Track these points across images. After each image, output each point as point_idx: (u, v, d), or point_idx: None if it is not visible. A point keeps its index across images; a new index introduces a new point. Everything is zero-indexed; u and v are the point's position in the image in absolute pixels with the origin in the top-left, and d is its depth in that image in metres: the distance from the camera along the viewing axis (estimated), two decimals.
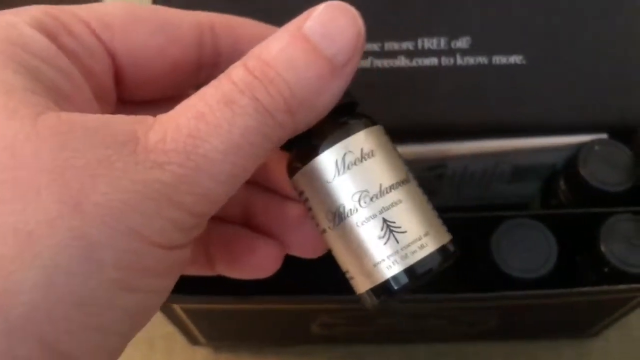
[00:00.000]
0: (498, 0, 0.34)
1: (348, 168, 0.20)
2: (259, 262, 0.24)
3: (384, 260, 0.20)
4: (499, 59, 0.33)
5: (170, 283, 0.19)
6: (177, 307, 0.31)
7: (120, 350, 0.18)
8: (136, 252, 0.16)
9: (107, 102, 0.21)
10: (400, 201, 0.20)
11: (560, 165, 0.36)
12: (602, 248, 0.31)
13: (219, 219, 0.24)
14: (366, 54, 0.33)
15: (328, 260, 0.23)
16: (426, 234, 0.20)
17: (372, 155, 0.20)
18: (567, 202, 0.35)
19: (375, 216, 0.20)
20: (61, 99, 0.18)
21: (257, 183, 0.25)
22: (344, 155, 0.20)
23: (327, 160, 0.20)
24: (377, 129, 0.21)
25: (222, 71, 0.18)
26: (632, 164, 0.33)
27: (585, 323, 0.37)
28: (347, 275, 0.21)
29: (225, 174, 0.17)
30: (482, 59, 0.33)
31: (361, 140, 0.20)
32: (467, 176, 0.37)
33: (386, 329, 0.36)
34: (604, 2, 0.34)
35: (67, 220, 0.15)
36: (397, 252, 0.20)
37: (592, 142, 0.33)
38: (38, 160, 0.15)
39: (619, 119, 0.33)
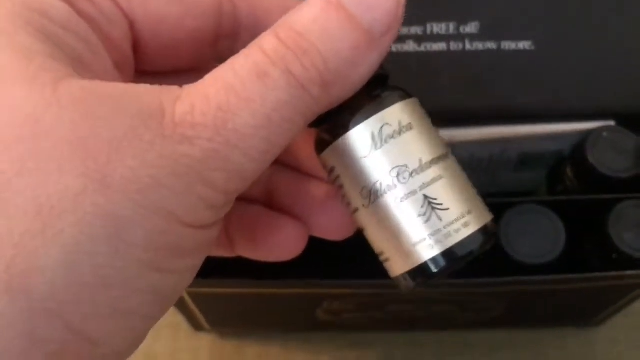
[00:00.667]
0: None
1: (385, 142, 0.19)
2: (282, 243, 0.23)
3: (424, 239, 0.18)
4: (508, 45, 0.33)
5: (199, 263, 0.18)
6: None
7: (146, 333, 0.17)
8: (166, 232, 0.16)
9: (126, 72, 0.20)
10: (441, 177, 0.19)
11: (567, 152, 0.36)
12: (611, 234, 0.31)
13: (240, 198, 0.24)
14: None
15: (337, 244, 0.23)
16: (469, 212, 0.19)
17: (410, 128, 0.19)
18: (574, 189, 0.35)
19: (416, 193, 0.18)
20: (81, 67, 0.17)
21: (280, 161, 0.24)
22: (381, 127, 0.19)
23: (363, 133, 0.19)
24: (413, 101, 0.20)
25: (243, 41, 0.17)
26: (639, 150, 0.33)
27: (591, 311, 0.37)
28: (382, 257, 0.20)
29: (257, 150, 0.16)
30: (491, 45, 0.33)
31: (398, 112, 0.19)
32: (473, 163, 0.37)
33: (393, 316, 0.36)
34: None
35: (92, 196, 0.14)
36: (439, 230, 0.18)
37: (600, 129, 0.33)
38: (60, 130, 0.15)
39: (627, 106, 0.33)
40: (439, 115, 0.33)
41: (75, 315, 0.15)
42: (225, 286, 0.31)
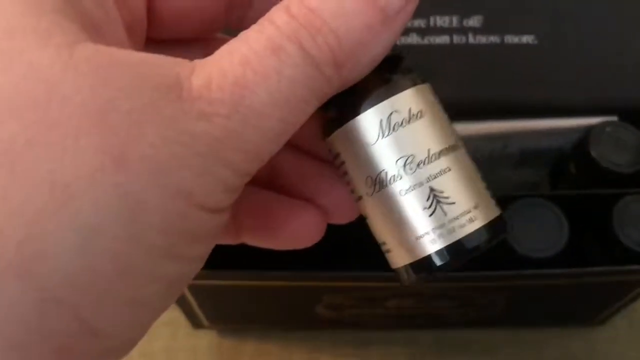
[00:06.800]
0: None
1: (394, 129, 0.18)
2: (300, 230, 0.21)
3: (428, 233, 0.18)
4: (511, 39, 0.33)
5: (209, 250, 0.17)
6: None
7: (150, 325, 0.16)
8: (183, 215, 0.14)
9: (137, 39, 0.19)
10: (449, 169, 0.18)
11: (568, 149, 0.36)
12: (614, 229, 0.31)
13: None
14: None
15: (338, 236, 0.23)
16: (476, 207, 0.18)
17: (421, 116, 0.18)
18: (577, 185, 0.35)
19: (422, 184, 0.18)
20: (94, 31, 0.15)
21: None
22: (390, 114, 0.18)
23: (371, 119, 0.18)
24: (426, 87, 0.19)
25: (256, 12, 0.16)
26: None
27: (593, 309, 0.37)
28: (383, 248, 0.20)
29: (274, 131, 0.15)
30: (494, 38, 0.33)
31: (409, 98, 0.18)
32: (474, 159, 0.36)
33: (393, 312, 0.35)
34: None
35: (111, 175, 0.13)
36: (443, 225, 0.18)
37: (603, 124, 0.33)
38: (77, 99, 0.13)
39: (630, 101, 0.33)
40: None
41: (87, 306, 0.14)
42: (225, 278, 0.30)
